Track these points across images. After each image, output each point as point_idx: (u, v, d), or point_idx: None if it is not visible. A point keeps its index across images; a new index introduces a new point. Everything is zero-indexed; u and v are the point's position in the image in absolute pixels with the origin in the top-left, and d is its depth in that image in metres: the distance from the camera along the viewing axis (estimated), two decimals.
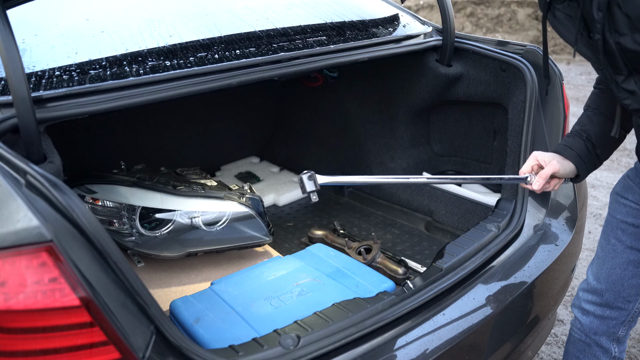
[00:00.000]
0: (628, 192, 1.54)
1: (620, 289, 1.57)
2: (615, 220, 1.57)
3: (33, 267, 0.99)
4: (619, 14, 1.12)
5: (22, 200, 1.00)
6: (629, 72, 1.18)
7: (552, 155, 1.57)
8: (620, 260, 1.56)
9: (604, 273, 1.60)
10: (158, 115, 2.68)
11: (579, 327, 1.70)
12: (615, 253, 1.57)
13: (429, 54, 2.21)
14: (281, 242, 2.33)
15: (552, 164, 1.54)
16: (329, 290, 1.68)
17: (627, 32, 1.13)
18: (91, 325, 1.03)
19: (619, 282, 1.57)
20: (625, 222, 1.54)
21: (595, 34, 1.17)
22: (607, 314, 1.62)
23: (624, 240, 1.54)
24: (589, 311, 1.65)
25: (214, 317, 1.58)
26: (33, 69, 1.46)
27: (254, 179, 2.87)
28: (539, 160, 1.57)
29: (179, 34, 1.72)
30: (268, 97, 3.06)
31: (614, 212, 1.58)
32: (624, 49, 1.15)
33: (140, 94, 1.48)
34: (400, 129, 2.49)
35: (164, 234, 2.00)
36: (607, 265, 1.58)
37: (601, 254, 1.62)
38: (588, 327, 1.67)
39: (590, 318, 1.65)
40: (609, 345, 1.66)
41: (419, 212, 2.40)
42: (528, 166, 1.60)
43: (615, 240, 1.57)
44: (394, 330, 1.42)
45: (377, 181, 2.08)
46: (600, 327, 1.64)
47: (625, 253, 1.55)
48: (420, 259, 2.14)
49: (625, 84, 1.19)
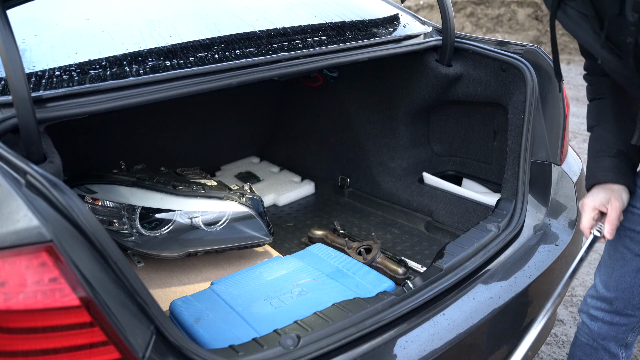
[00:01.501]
0: (636, 200, 1.49)
1: (630, 297, 1.55)
2: (623, 228, 1.53)
3: (33, 267, 0.99)
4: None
5: (22, 200, 1.00)
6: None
7: (604, 192, 1.43)
8: (630, 268, 1.53)
9: (613, 281, 1.57)
10: (158, 115, 2.68)
11: (587, 332, 1.67)
12: (624, 261, 1.53)
13: (429, 54, 2.21)
14: (281, 242, 2.33)
15: (613, 205, 1.41)
16: (329, 290, 1.68)
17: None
18: (91, 325, 1.03)
19: (628, 290, 1.54)
20: (634, 230, 1.50)
21: (628, 37, 1.11)
22: (617, 321, 1.60)
23: (633, 249, 1.51)
24: (598, 317, 1.63)
25: (214, 317, 1.58)
26: (33, 69, 1.46)
27: (254, 179, 2.87)
28: (598, 208, 1.44)
29: (179, 34, 1.72)
30: (268, 97, 3.06)
31: (621, 220, 1.53)
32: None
33: (140, 94, 1.48)
34: (400, 129, 2.48)
35: (164, 234, 2.00)
36: (616, 274, 1.56)
37: (609, 262, 1.58)
38: (596, 333, 1.64)
39: (599, 324, 1.63)
40: (616, 351, 1.64)
41: (419, 212, 2.40)
42: (588, 220, 1.45)
43: (624, 249, 1.53)
44: (394, 330, 1.42)
45: None
46: (609, 332, 1.62)
47: (634, 261, 1.52)
48: (420, 259, 2.14)
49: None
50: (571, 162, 2.07)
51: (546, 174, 1.96)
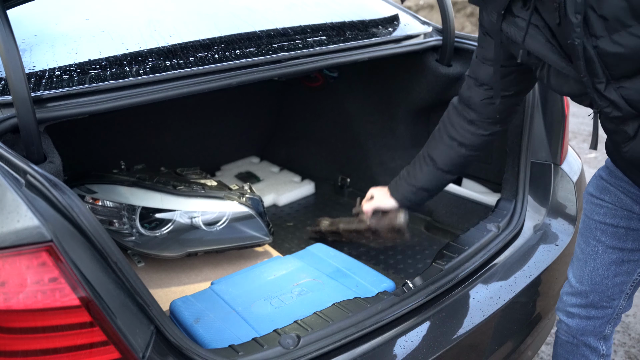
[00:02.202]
0: (604, 193, 1.51)
1: (604, 289, 1.56)
2: (593, 221, 1.54)
3: (33, 267, 0.99)
4: (593, 17, 1.10)
5: (22, 200, 1.00)
6: (607, 79, 1.15)
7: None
8: (602, 261, 1.54)
9: (587, 275, 1.58)
10: (158, 115, 2.68)
11: (566, 329, 1.68)
12: (597, 254, 1.55)
13: (429, 54, 2.21)
14: (281, 242, 2.33)
15: None
16: (329, 290, 1.68)
17: (604, 35, 1.10)
18: (91, 325, 1.03)
19: (602, 282, 1.56)
20: (604, 223, 1.52)
21: (575, 39, 1.13)
22: (593, 314, 1.61)
23: (605, 241, 1.53)
24: (574, 313, 1.64)
25: (214, 317, 1.58)
26: (33, 69, 1.46)
27: (254, 179, 2.87)
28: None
29: (179, 34, 1.72)
30: (268, 97, 3.06)
31: (591, 213, 1.55)
32: (602, 53, 1.12)
33: (140, 94, 1.48)
34: (400, 129, 2.48)
35: (164, 234, 2.00)
36: (589, 267, 1.57)
37: (581, 256, 1.59)
38: (575, 329, 1.65)
39: (576, 320, 1.64)
40: (596, 344, 1.66)
41: (419, 212, 2.40)
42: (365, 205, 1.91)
43: (595, 242, 1.55)
44: (394, 330, 1.42)
45: None
46: (586, 327, 1.63)
47: (606, 253, 1.53)
48: (420, 259, 2.14)
49: (607, 92, 1.16)
50: (571, 162, 2.07)
51: (546, 174, 1.96)
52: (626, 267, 1.53)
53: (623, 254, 1.51)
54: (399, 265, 2.14)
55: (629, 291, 1.58)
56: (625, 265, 1.53)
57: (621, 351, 2.45)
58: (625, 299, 1.59)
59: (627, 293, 1.58)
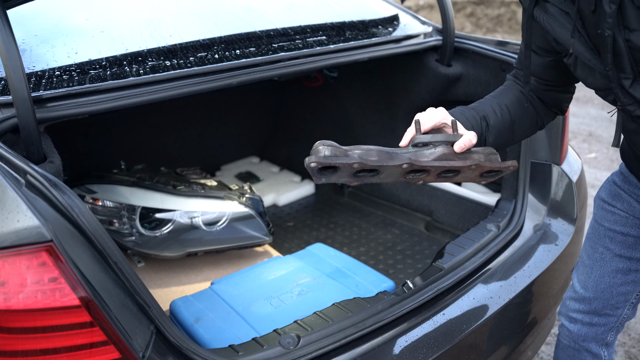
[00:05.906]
0: (616, 199, 1.48)
1: (609, 297, 1.54)
2: (603, 228, 1.51)
3: (33, 267, 0.99)
4: (630, 7, 1.04)
5: (22, 200, 1.00)
6: (635, 75, 1.10)
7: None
8: (609, 268, 1.51)
9: (592, 281, 1.55)
10: (158, 115, 2.68)
11: (567, 334, 1.66)
12: (604, 262, 1.52)
13: (429, 54, 2.21)
14: (281, 242, 2.33)
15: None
16: (329, 290, 1.68)
17: (638, 28, 1.04)
18: (91, 325, 1.03)
19: (607, 290, 1.53)
20: (614, 231, 1.49)
21: (606, 30, 1.07)
22: (596, 321, 1.59)
23: (613, 249, 1.49)
24: (577, 319, 1.61)
25: (214, 317, 1.58)
26: (33, 69, 1.46)
27: (254, 179, 2.87)
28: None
29: (179, 34, 1.72)
30: (268, 97, 3.06)
31: (601, 219, 1.52)
32: (634, 47, 1.07)
33: (140, 94, 1.48)
34: (400, 129, 2.48)
35: (164, 234, 2.00)
36: (595, 274, 1.54)
37: (588, 262, 1.56)
38: (577, 335, 1.63)
39: (579, 326, 1.61)
40: (598, 351, 1.63)
41: (419, 212, 2.40)
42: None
43: (603, 249, 1.52)
44: (394, 330, 1.42)
45: None
46: (589, 334, 1.61)
47: (613, 261, 1.50)
48: (420, 259, 2.14)
49: (632, 89, 1.11)
50: (571, 162, 2.07)
51: (546, 174, 1.96)
52: (633, 276, 1.50)
53: (631, 263, 1.48)
54: (398, 265, 2.14)
55: (635, 300, 1.55)
56: (633, 275, 1.50)
57: (621, 351, 2.45)
58: (630, 308, 1.56)
59: (632, 302, 1.55)
